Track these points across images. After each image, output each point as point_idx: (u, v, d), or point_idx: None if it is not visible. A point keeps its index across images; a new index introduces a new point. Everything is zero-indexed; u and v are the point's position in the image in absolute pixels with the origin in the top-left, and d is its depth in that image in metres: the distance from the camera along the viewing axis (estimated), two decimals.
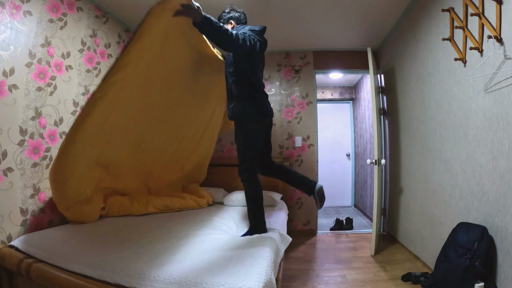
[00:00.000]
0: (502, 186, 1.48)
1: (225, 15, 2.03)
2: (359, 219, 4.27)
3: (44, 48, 1.96)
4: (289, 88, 3.65)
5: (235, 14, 2.03)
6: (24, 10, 1.81)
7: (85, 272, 1.33)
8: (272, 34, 3.20)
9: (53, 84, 2.04)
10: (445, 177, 2.08)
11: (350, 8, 2.64)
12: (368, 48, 2.92)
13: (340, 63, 3.62)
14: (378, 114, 2.90)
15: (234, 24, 2.02)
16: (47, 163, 1.98)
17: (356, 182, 5.16)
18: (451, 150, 2.00)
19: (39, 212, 1.90)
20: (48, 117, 2.00)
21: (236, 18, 2.02)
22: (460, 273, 1.56)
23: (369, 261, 2.57)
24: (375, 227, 2.72)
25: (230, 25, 2.02)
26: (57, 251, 1.52)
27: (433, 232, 2.23)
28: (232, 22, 2.02)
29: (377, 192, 2.72)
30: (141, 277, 1.28)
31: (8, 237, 1.68)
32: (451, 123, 2.00)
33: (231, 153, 3.68)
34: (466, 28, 1.76)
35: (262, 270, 1.32)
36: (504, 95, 1.47)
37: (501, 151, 1.50)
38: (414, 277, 2.08)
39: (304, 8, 2.65)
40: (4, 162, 1.68)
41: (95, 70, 2.47)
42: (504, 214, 1.46)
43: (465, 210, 1.82)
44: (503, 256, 1.47)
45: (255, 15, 2.76)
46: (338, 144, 5.32)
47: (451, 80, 1.98)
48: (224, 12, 2.05)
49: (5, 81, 1.70)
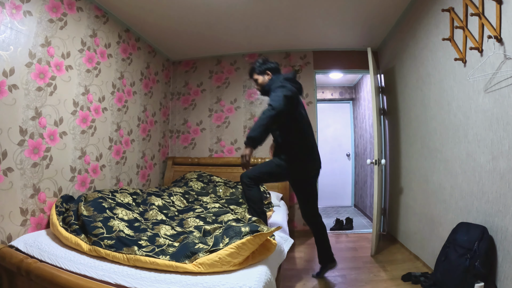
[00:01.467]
0: (502, 186, 1.48)
1: (259, 66, 2.16)
2: (359, 219, 4.27)
3: (44, 48, 1.96)
4: None
5: (271, 65, 2.15)
6: (24, 10, 1.81)
7: (85, 272, 1.34)
8: (272, 34, 3.22)
9: (53, 84, 2.04)
10: (445, 177, 2.08)
11: (350, 8, 2.64)
12: (368, 48, 2.91)
13: (340, 63, 3.62)
14: (378, 114, 2.90)
15: (270, 74, 2.14)
16: (47, 163, 1.98)
17: (356, 182, 5.16)
18: (451, 150, 2.00)
19: (39, 212, 1.90)
20: (48, 117, 2.00)
21: (272, 69, 2.15)
22: (460, 273, 1.56)
23: (369, 261, 2.57)
24: (375, 227, 2.72)
25: (267, 76, 2.14)
26: (57, 251, 1.52)
27: (433, 232, 2.23)
28: (268, 72, 2.14)
29: (377, 192, 2.72)
30: (142, 277, 1.28)
31: (8, 237, 1.68)
32: (451, 123, 2.00)
33: (231, 153, 3.68)
34: (466, 28, 1.76)
35: (262, 270, 1.32)
36: (504, 95, 1.47)
37: (501, 151, 1.50)
38: (414, 277, 2.08)
39: (304, 8, 2.65)
40: (4, 162, 1.68)
41: (95, 70, 2.47)
42: (504, 214, 1.46)
43: (465, 210, 1.82)
44: (503, 256, 1.47)
45: (256, 15, 2.76)
46: (338, 144, 5.32)
47: (451, 80, 1.98)
48: (258, 62, 2.17)
49: (5, 81, 1.70)
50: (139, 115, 3.13)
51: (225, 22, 2.90)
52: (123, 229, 1.63)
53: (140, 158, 3.14)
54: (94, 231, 1.58)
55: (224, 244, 1.38)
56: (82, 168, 2.30)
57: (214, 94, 3.81)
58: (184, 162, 3.64)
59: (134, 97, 3.03)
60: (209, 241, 1.47)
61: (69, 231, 1.62)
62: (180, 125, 3.87)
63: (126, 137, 2.89)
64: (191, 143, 3.82)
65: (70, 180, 2.18)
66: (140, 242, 1.49)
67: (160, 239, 1.55)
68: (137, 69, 3.11)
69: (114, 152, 2.71)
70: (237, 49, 3.65)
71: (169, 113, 3.89)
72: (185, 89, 3.91)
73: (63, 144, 2.12)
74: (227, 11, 2.67)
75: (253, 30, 3.10)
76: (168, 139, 3.85)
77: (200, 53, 3.77)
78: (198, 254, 1.34)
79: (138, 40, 3.12)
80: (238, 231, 1.43)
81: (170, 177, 3.54)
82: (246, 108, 3.71)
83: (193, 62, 3.91)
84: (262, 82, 2.15)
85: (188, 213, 2.22)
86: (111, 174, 2.66)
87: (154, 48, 3.47)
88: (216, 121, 3.76)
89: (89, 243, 1.51)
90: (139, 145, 3.14)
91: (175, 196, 2.57)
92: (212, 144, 3.75)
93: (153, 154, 3.45)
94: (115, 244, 1.46)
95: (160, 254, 1.38)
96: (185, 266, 1.29)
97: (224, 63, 3.81)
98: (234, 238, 1.38)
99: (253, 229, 1.42)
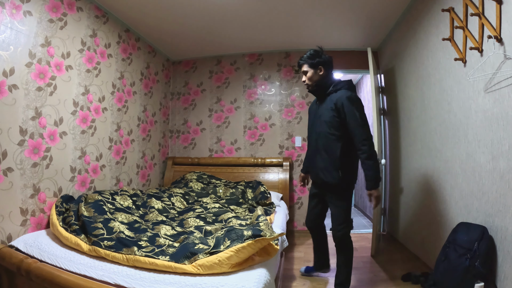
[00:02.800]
0: (502, 186, 1.48)
1: (311, 57, 1.88)
2: (359, 219, 4.27)
3: (44, 48, 1.96)
4: (289, 88, 3.65)
5: (327, 61, 1.89)
6: (24, 10, 1.81)
7: (85, 272, 1.34)
8: (272, 34, 3.22)
9: (53, 84, 2.04)
10: (445, 177, 2.08)
11: (350, 8, 2.64)
12: (368, 48, 2.91)
13: (340, 63, 3.61)
14: (378, 114, 2.90)
15: (323, 70, 1.88)
16: (47, 163, 1.98)
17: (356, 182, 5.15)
18: (451, 150, 2.00)
19: (39, 212, 1.90)
20: (48, 117, 2.00)
21: (327, 64, 1.89)
22: (460, 273, 1.56)
23: (369, 261, 2.57)
24: (375, 227, 2.72)
25: (319, 71, 1.88)
26: (57, 251, 1.52)
27: (433, 232, 2.23)
28: (322, 68, 1.88)
29: None
30: (141, 277, 1.28)
31: (8, 237, 1.68)
32: (451, 123, 2.00)
33: (231, 153, 3.68)
34: (466, 28, 1.76)
35: (261, 272, 1.32)
36: (504, 95, 1.46)
37: (501, 151, 1.49)
38: (414, 277, 2.08)
39: (304, 8, 2.65)
40: (4, 162, 1.68)
41: (95, 70, 2.47)
42: (504, 214, 1.46)
43: (465, 210, 1.82)
44: (503, 256, 1.47)
45: (256, 15, 2.76)
46: None
47: (451, 80, 1.98)
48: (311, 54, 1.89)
49: (5, 81, 1.70)
50: (139, 115, 3.13)
51: (225, 22, 2.90)
52: (123, 230, 1.63)
53: (140, 158, 3.14)
54: (94, 232, 1.58)
55: (225, 246, 1.37)
56: (82, 168, 2.30)
57: (214, 94, 3.81)
58: (184, 162, 3.65)
59: (134, 97, 3.03)
60: (210, 242, 1.47)
61: (69, 231, 1.62)
62: (180, 125, 3.87)
63: (126, 137, 2.89)
64: (191, 143, 3.82)
65: (70, 180, 2.18)
66: (140, 243, 1.49)
67: (160, 240, 1.55)
68: (137, 69, 3.11)
69: (114, 152, 2.71)
70: (237, 49, 3.65)
71: (169, 113, 3.89)
72: (185, 89, 3.91)
73: (63, 144, 2.12)
74: (227, 11, 2.67)
75: (253, 30, 3.10)
76: (168, 139, 3.85)
77: (200, 53, 3.77)
78: (198, 255, 1.34)
79: (138, 40, 3.12)
80: (241, 234, 1.43)
81: (170, 177, 3.54)
82: (246, 108, 3.71)
83: (193, 62, 3.91)
84: (312, 77, 1.89)
85: (188, 213, 2.22)
86: (111, 174, 2.66)
87: (154, 48, 3.47)
88: (216, 121, 3.76)
89: (89, 243, 1.51)
90: (139, 145, 3.14)
91: (175, 197, 2.57)
92: (212, 144, 3.75)
93: (153, 154, 3.45)
94: (115, 244, 1.46)
95: (159, 255, 1.37)
96: (184, 267, 1.29)
97: (224, 63, 3.81)
98: (236, 242, 1.37)
99: (255, 233, 1.42)
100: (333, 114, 1.81)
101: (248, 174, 3.41)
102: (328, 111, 1.83)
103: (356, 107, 1.75)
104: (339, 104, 1.78)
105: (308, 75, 1.90)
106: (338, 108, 1.79)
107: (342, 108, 1.77)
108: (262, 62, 3.73)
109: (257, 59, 3.74)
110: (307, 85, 1.94)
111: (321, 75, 1.89)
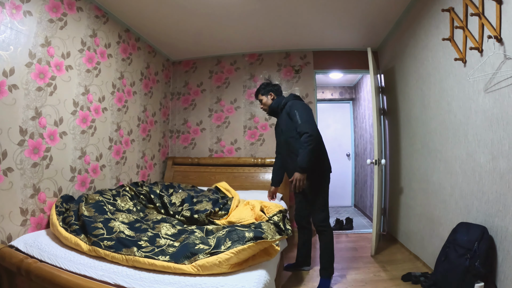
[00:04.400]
0: (502, 186, 1.48)
1: (263, 87, 2.39)
2: (359, 219, 4.27)
3: (44, 48, 1.96)
4: (289, 88, 3.65)
5: (274, 87, 2.38)
6: (24, 10, 1.81)
7: (85, 272, 1.34)
8: (272, 34, 3.22)
9: (53, 84, 2.04)
10: (445, 177, 2.08)
11: (350, 8, 2.64)
12: (368, 48, 2.91)
13: (340, 63, 3.62)
14: (378, 114, 2.90)
15: (273, 95, 2.36)
16: (47, 163, 1.98)
17: (356, 182, 5.16)
18: (451, 150, 2.00)
19: (39, 212, 1.90)
20: (48, 117, 2.00)
21: (275, 90, 2.37)
22: (460, 273, 1.56)
23: (369, 261, 2.57)
24: (375, 227, 2.72)
25: (270, 96, 2.36)
26: (57, 251, 1.52)
27: (433, 232, 2.23)
28: (272, 94, 2.36)
29: (377, 192, 2.72)
30: (141, 277, 1.28)
31: (8, 237, 1.68)
32: (451, 123, 2.00)
33: (231, 153, 3.68)
34: (466, 28, 1.76)
35: (261, 273, 1.32)
36: (504, 95, 1.47)
37: (501, 151, 1.50)
38: (414, 277, 2.08)
39: (304, 8, 2.65)
40: (4, 162, 1.68)
41: (95, 70, 2.47)
42: (504, 214, 1.46)
43: (465, 210, 1.82)
44: (503, 256, 1.47)
45: (256, 15, 2.76)
46: (338, 144, 5.31)
47: (451, 80, 1.98)
48: (262, 85, 2.41)
49: (5, 81, 1.70)
50: (139, 115, 3.13)
51: (225, 22, 2.90)
52: (124, 230, 1.62)
53: (140, 158, 3.14)
54: (94, 232, 1.57)
55: (226, 247, 1.37)
56: (82, 168, 2.30)
57: (214, 94, 3.81)
58: (184, 162, 3.64)
59: (134, 97, 3.03)
60: (211, 241, 1.47)
61: (69, 231, 1.62)
62: (180, 125, 3.87)
63: (126, 137, 2.89)
64: (191, 143, 3.82)
65: (70, 180, 2.18)
66: (140, 243, 1.49)
67: (160, 240, 1.55)
68: (137, 69, 3.11)
69: (114, 152, 2.71)
70: (237, 49, 3.65)
71: (169, 113, 3.89)
72: (185, 89, 3.91)
73: (63, 144, 2.12)
74: (227, 11, 2.67)
75: (253, 30, 3.10)
76: (168, 139, 3.85)
77: (200, 53, 3.77)
78: (198, 255, 1.33)
79: (138, 40, 3.12)
80: (242, 236, 1.42)
81: (170, 177, 3.54)
82: (246, 108, 3.71)
83: (193, 62, 3.91)
84: (266, 102, 2.37)
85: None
86: (111, 174, 2.66)
87: (154, 48, 3.47)
88: (216, 121, 3.76)
89: (88, 243, 1.51)
90: (139, 145, 3.14)
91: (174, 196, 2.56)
92: (212, 144, 3.75)
93: (153, 154, 3.45)
94: (114, 245, 1.46)
95: (159, 255, 1.37)
96: (182, 267, 1.28)
97: (224, 63, 3.81)
98: (237, 243, 1.37)
99: (257, 235, 1.41)
100: (288, 121, 2.18)
101: (248, 174, 3.41)
102: (285, 120, 2.21)
103: (296, 109, 2.12)
104: (288, 111, 2.18)
105: (264, 101, 2.38)
106: (288, 114, 2.17)
107: (290, 113, 2.16)
108: (262, 62, 3.73)
109: (257, 59, 3.74)
110: (264, 110, 2.41)
111: (273, 99, 2.36)
